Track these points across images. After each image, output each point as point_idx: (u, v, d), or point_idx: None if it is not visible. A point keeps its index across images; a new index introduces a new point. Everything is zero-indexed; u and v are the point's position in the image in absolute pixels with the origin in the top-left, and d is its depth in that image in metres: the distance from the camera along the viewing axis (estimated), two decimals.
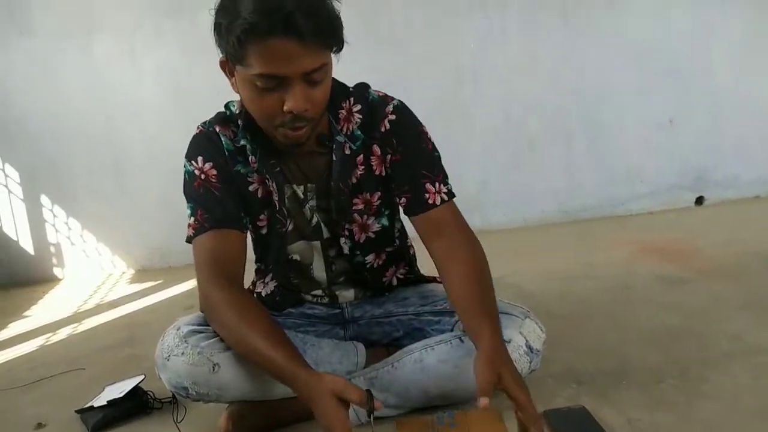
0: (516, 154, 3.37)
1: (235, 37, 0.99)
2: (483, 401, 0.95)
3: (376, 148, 1.25)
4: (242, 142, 1.20)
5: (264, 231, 1.28)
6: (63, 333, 2.24)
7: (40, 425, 1.48)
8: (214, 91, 3.04)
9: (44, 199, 3.18)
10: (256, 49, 1.00)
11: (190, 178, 1.22)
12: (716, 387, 1.35)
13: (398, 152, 1.24)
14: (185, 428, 1.35)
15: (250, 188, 1.24)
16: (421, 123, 1.28)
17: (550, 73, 3.32)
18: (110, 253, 3.25)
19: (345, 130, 1.23)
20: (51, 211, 3.19)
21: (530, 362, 1.27)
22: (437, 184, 1.24)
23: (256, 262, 1.39)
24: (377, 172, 1.26)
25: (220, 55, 1.10)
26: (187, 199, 1.23)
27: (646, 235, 2.90)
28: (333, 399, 0.99)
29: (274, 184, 1.22)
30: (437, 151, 1.28)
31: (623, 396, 1.35)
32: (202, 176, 1.21)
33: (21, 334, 2.27)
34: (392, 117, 1.24)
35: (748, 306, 1.84)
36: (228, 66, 1.10)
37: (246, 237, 1.25)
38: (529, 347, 1.26)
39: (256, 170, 1.22)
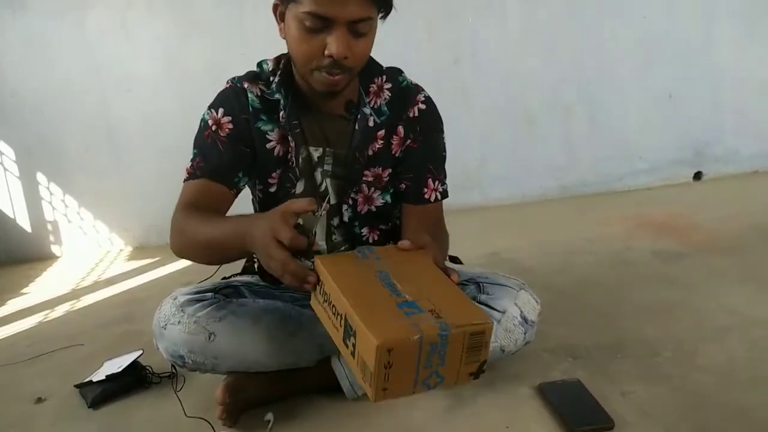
0: (515, 130, 3.35)
1: None
2: (404, 243, 0.98)
3: (401, 129, 1.28)
4: (276, 96, 1.21)
5: (273, 189, 1.28)
6: (61, 310, 2.24)
7: (40, 399, 1.49)
8: (208, 66, 3.08)
9: (40, 177, 3.16)
10: None
11: (203, 127, 1.25)
12: (711, 360, 1.36)
13: (417, 141, 1.30)
14: (183, 401, 1.36)
15: (268, 146, 1.24)
16: (442, 122, 1.34)
17: (549, 48, 3.29)
18: (107, 230, 3.24)
19: (373, 103, 1.26)
20: (47, 188, 3.17)
21: (525, 333, 1.28)
22: (437, 183, 1.32)
23: None
24: (394, 152, 1.29)
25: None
26: (193, 146, 1.26)
27: (644, 211, 2.90)
28: (272, 241, 0.89)
29: (293, 142, 1.22)
30: (446, 152, 1.36)
31: (618, 369, 1.36)
32: (214, 127, 1.23)
33: (20, 311, 2.28)
34: (422, 106, 1.29)
35: (746, 280, 1.84)
36: (279, 9, 1.13)
37: (232, 197, 1.25)
38: (524, 318, 1.28)
39: (281, 125, 1.22)
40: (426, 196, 1.31)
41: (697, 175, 3.49)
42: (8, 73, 3.06)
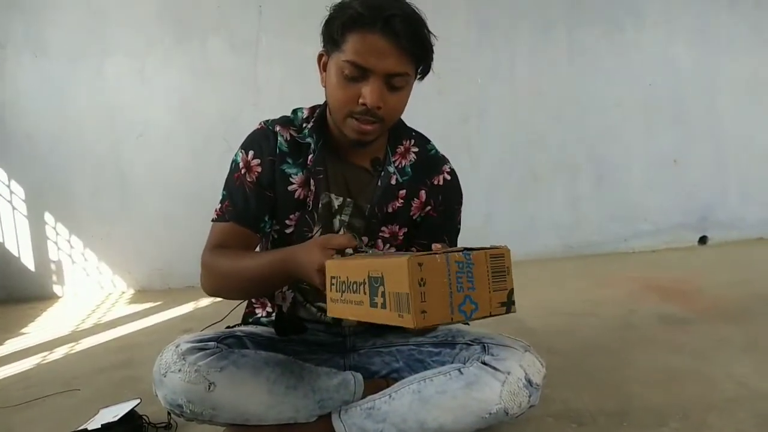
0: (520, 188, 3.38)
1: (341, 22, 1.11)
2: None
3: (423, 194, 1.33)
4: (307, 139, 1.26)
5: (289, 231, 1.29)
6: (60, 352, 2.22)
7: None
8: (220, 116, 3.14)
9: (48, 217, 3.18)
10: (353, 37, 1.10)
11: (234, 168, 1.28)
12: None
13: (437, 210, 1.34)
14: None
15: (290, 188, 1.27)
16: (463, 196, 1.39)
17: (556, 110, 3.36)
18: (111, 272, 3.24)
19: (398, 163, 1.30)
20: (54, 228, 3.19)
21: (529, 396, 1.25)
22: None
23: None
24: (412, 214, 1.33)
25: (320, 49, 1.19)
26: (224, 186, 1.29)
27: (649, 274, 2.89)
28: (321, 249, 1.03)
29: (314, 186, 1.26)
30: (460, 225, 1.41)
31: None
32: (243, 170, 1.26)
33: (17, 352, 2.25)
34: (447, 177, 1.35)
35: (752, 349, 1.82)
36: (323, 59, 1.19)
37: (258, 239, 1.30)
38: (529, 381, 1.25)
39: (308, 168, 1.26)
40: None
41: (702, 240, 3.49)
42: (24, 114, 3.13)
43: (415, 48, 1.12)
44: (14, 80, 3.10)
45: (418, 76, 1.18)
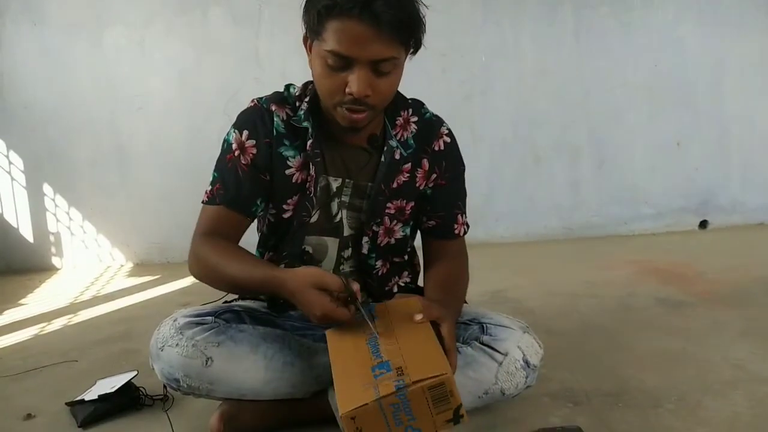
0: (522, 169, 3.36)
1: (317, 11, 1.04)
2: (418, 316, 1.04)
3: (425, 162, 1.29)
4: (304, 123, 1.22)
5: (287, 215, 1.27)
6: (58, 323, 2.23)
7: (29, 416, 1.46)
8: (220, 89, 3.11)
9: (47, 188, 3.17)
10: (332, 26, 1.03)
11: (226, 149, 1.24)
12: (714, 414, 1.33)
13: (444, 177, 1.32)
14: (175, 425, 1.34)
15: (287, 171, 1.24)
16: (462, 157, 1.37)
17: (560, 90, 3.32)
18: (109, 245, 3.24)
19: (399, 136, 1.26)
20: (53, 200, 3.18)
21: (526, 377, 1.26)
22: (463, 217, 1.36)
23: (266, 250, 1.36)
24: (418, 185, 1.30)
25: (304, 31, 1.13)
26: (215, 167, 1.26)
27: (648, 257, 2.89)
28: (313, 289, 1.02)
29: (313, 170, 1.22)
30: (465, 189, 1.39)
31: (619, 418, 1.33)
32: (237, 152, 1.22)
33: (16, 322, 2.26)
34: (447, 139, 1.32)
35: (750, 333, 1.82)
36: (308, 42, 1.13)
37: (248, 222, 1.28)
38: (526, 362, 1.25)
39: (306, 153, 1.22)
40: (456, 232, 1.34)
41: (703, 224, 3.48)
42: (22, 85, 3.10)
43: (401, 29, 1.04)
44: (12, 49, 3.06)
45: (411, 51, 1.12)
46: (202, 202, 1.25)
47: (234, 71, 3.13)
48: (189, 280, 2.79)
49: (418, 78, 1.15)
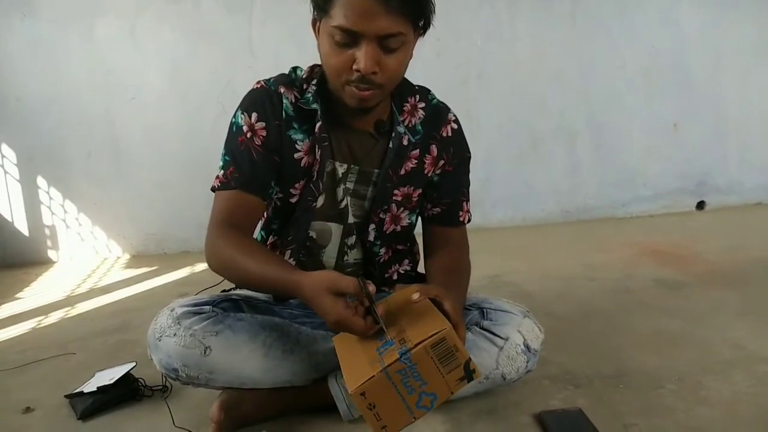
0: (519, 153, 3.35)
1: None
2: (415, 295, 1.01)
3: (434, 149, 1.29)
4: (313, 106, 1.20)
5: (294, 200, 1.26)
6: (55, 316, 2.22)
7: (28, 409, 1.45)
8: (213, 78, 3.08)
9: (41, 181, 3.15)
10: (339, 1, 1.03)
11: (236, 131, 1.21)
12: (715, 394, 1.33)
13: (452, 164, 1.32)
14: (174, 415, 1.33)
15: (296, 155, 1.22)
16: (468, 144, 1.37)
17: (557, 73, 3.30)
18: (105, 237, 3.22)
19: (407, 122, 1.26)
20: (47, 193, 3.16)
21: (527, 362, 1.26)
22: (467, 204, 1.37)
23: (270, 234, 1.35)
24: (426, 171, 1.30)
25: (312, 14, 1.13)
26: (224, 150, 1.22)
27: (646, 238, 2.89)
28: (329, 295, 0.98)
29: (320, 154, 1.21)
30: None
31: (620, 400, 1.33)
32: (249, 134, 1.19)
33: (12, 316, 2.25)
34: (454, 126, 1.32)
35: (748, 313, 1.82)
36: (316, 24, 1.13)
37: (265, 207, 1.26)
38: (527, 346, 1.25)
39: (314, 136, 1.20)
40: (461, 219, 1.35)
41: (700, 205, 3.48)
42: (14, 77, 3.06)
43: (408, 4, 1.04)
44: (2, 42, 3.02)
45: (420, 32, 1.11)
46: (213, 189, 1.22)
47: (227, 60, 3.10)
48: (186, 271, 2.78)
49: (412, 62, 1.13)
